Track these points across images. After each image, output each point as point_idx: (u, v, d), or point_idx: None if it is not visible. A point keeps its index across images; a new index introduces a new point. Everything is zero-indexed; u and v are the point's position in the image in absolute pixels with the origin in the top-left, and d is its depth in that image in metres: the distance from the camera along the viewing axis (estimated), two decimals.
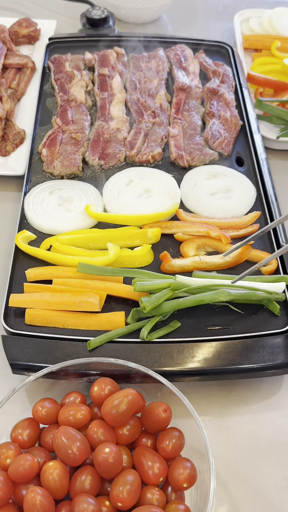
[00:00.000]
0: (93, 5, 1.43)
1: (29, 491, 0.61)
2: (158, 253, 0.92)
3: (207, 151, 1.09)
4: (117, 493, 0.62)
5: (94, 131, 1.12)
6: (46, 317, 0.82)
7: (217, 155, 1.09)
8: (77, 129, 1.11)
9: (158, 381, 0.71)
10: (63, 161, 1.05)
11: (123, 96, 1.19)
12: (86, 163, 1.08)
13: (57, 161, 1.05)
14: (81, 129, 1.11)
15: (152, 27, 1.53)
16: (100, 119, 1.14)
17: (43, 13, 1.54)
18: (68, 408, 0.69)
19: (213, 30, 1.54)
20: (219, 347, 0.79)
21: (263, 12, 1.47)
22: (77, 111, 1.16)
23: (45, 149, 1.08)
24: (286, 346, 0.80)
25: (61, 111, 1.15)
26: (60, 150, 1.08)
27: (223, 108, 1.17)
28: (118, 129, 1.12)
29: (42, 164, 1.07)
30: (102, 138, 1.11)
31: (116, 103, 1.18)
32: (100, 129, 1.12)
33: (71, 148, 1.08)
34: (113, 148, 1.09)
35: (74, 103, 1.17)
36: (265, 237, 0.96)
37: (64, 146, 1.08)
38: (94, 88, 1.21)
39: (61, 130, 1.11)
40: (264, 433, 0.79)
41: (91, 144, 1.09)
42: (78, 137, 1.09)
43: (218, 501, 0.72)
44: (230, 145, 1.11)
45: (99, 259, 0.88)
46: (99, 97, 1.19)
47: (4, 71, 1.26)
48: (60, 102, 1.17)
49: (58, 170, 1.04)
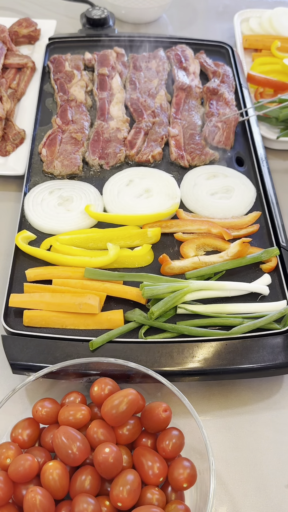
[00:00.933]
0: (93, 5, 1.43)
1: (29, 491, 0.61)
2: (158, 253, 0.92)
3: (207, 151, 1.09)
4: (117, 493, 0.62)
5: (93, 131, 1.12)
6: (45, 318, 0.82)
7: (217, 155, 1.09)
8: (77, 128, 1.11)
9: (158, 381, 0.71)
10: (63, 161, 1.05)
11: (122, 96, 1.19)
12: (86, 163, 1.08)
13: (57, 161, 1.05)
14: (81, 129, 1.11)
15: (152, 27, 1.53)
16: (99, 119, 1.14)
17: (43, 13, 1.54)
18: (68, 408, 0.69)
19: (213, 30, 1.54)
20: (219, 347, 0.79)
21: (263, 12, 1.48)
22: (77, 111, 1.16)
23: (45, 149, 1.08)
24: (286, 346, 0.80)
25: (61, 111, 1.15)
26: (60, 150, 1.08)
27: (223, 107, 1.17)
28: (118, 129, 1.12)
29: (42, 164, 1.07)
30: (102, 137, 1.11)
31: (115, 103, 1.18)
32: (99, 129, 1.12)
33: (71, 148, 1.08)
34: (113, 148, 1.09)
35: (74, 103, 1.17)
36: (264, 236, 0.96)
37: (64, 146, 1.08)
38: (93, 88, 1.21)
39: (61, 130, 1.11)
40: (264, 433, 0.79)
41: (91, 144, 1.09)
42: (78, 137, 1.09)
43: (218, 501, 0.72)
44: (230, 138, 1.11)
45: (99, 259, 0.88)
46: (98, 97, 1.19)
47: (4, 71, 1.26)
48: (60, 102, 1.17)
49: (58, 170, 1.04)
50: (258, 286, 0.86)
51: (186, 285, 0.83)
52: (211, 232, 0.94)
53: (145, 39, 1.34)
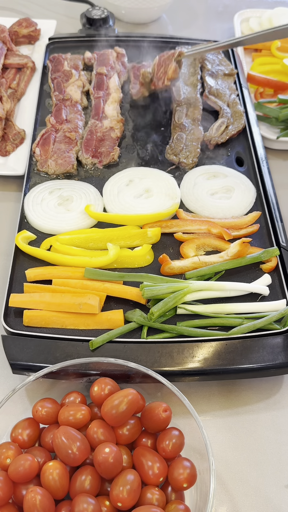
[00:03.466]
0: (93, 5, 1.43)
1: (29, 491, 0.61)
2: (158, 253, 0.92)
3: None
4: (117, 493, 0.62)
5: (87, 130, 1.12)
6: (45, 318, 0.82)
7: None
8: (71, 128, 1.11)
9: (158, 381, 0.71)
10: (57, 160, 1.05)
11: (118, 96, 1.19)
12: (80, 163, 1.08)
13: (51, 160, 1.05)
14: (75, 128, 1.11)
15: (152, 27, 1.54)
16: (94, 118, 1.14)
17: (43, 13, 1.54)
18: (68, 408, 0.69)
19: (213, 30, 1.55)
20: (219, 347, 0.79)
21: (263, 12, 1.48)
22: (72, 110, 1.16)
23: (39, 148, 1.08)
24: (286, 346, 0.80)
25: (55, 110, 1.15)
26: (54, 149, 1.08)
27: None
28: (111, 128, 1.12)
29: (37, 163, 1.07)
30: (96, 136, 1.11)
31: (111, 102, 1.18)
32: (93, 128, 1.12)
33: (65, 147, 1.08)
34: (106, 147, 1.09)
35: (69, 102, 1.17)
36: (264, 236, 0.96)
37: (58, 145, 1.08)
38: (90, 88, 1.21)
39: (54, 129, 1.11)
40: (264, 433, 0.79)
41: (84, 143, 1.09)
42: (72, 136, 1.09)
43: (218, 501, 0.72)
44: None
45: (99, 259, 0.88)
46: (94, 96, 1.19)
47: (4, 71, 1.26)
48: (55, 101, 1.17)
49: (52, 169, 1.04)
50: (258, 287, 0.86)
51: (186, 286, 0.83)
52: (211, 232, 0.94)
53: (145, 39, 1.34)
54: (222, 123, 1.13)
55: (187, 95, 1.19)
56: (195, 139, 1.11)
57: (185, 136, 1.11)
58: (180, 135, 1.11)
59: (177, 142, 1.10)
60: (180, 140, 1.10)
